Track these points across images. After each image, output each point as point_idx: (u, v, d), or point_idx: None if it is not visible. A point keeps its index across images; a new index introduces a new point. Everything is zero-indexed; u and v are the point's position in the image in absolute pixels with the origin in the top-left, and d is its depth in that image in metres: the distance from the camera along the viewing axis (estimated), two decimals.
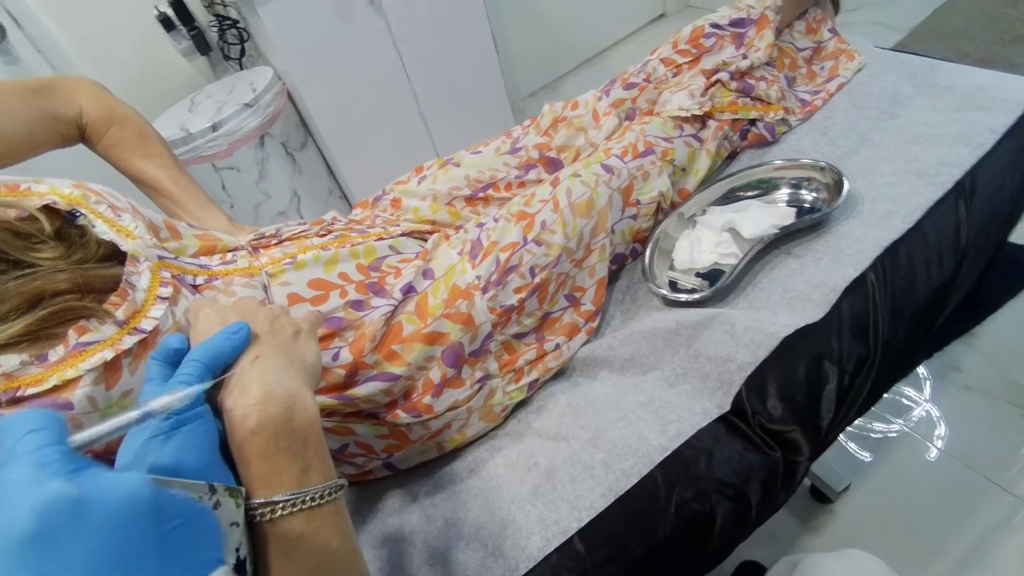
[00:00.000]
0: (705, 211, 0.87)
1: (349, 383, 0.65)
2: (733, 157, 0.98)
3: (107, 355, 0.45)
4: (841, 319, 0.67)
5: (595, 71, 2.72)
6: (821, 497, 1.13)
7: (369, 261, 0.71)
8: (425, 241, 0.81)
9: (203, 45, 1.87)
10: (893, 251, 0.71)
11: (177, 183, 0.75)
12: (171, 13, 1.79)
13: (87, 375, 0.44)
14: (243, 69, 1.95)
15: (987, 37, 2.00)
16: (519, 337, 0.76)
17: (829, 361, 0.66)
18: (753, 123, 0.95)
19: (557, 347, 0.77)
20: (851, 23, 2.28)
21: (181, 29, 1.83)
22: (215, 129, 1.64)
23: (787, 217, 0.80)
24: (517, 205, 0.79)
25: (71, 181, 0.54)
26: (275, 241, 0.69)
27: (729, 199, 0.88)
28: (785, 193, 0.86)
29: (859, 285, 0.69)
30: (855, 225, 0.77)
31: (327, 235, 0.73)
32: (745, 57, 0.94)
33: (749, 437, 0.64)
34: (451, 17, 1.88)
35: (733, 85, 0.92)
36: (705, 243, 0.82)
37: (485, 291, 0.70)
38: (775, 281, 0.76)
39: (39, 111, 0.68)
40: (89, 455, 0.39)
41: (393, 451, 0.71)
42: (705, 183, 0.91)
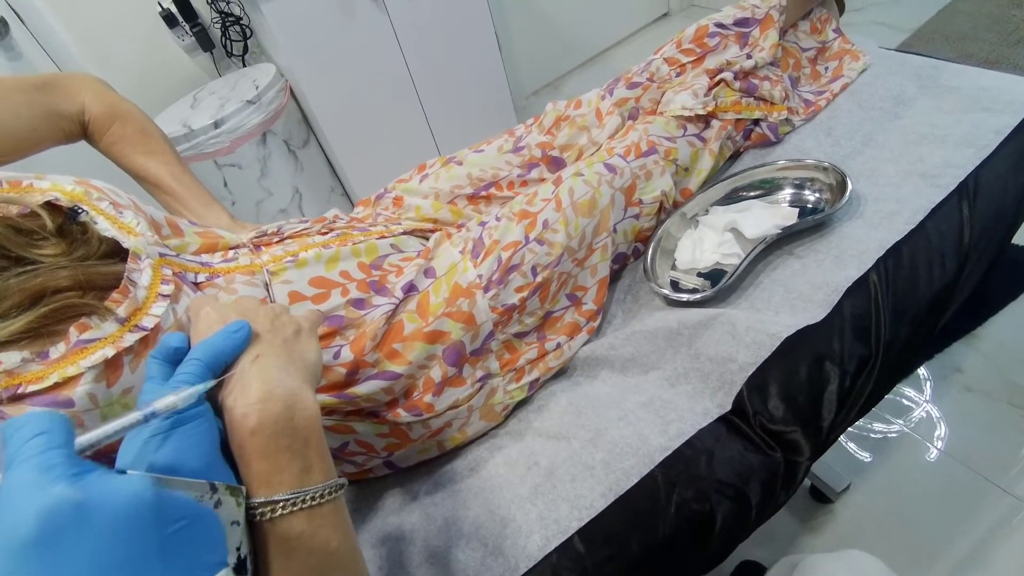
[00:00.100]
0: (708, 211, 0.87)
1: (350, 381, 0.65)
2: (736, 157, 0.98)
3: (108, 352, 0.45)
4: (843, 320, 0.67)
5: (598, 70, 2.71)
6: (821, 497, 1.13)
7: (371, 259, 0.71)
8: (427, 240, 0.81)
9: (206, 42, 1.87)
10: (896, 252, 0.71)
11: (179, 180, 0.75)
12: (174, 9, 1.79)
13: (88, 372, 0.44)
14: (246, 66, 1.95)
15: (992, 38, 2.00)
16: (520, 336, 0.76)
17: (830, 362, 0.66)
18: (757, 123, 0.95)
19: (558, 346, 0.77)
20: (856, 23, 2.27)
21: (184, 25, 1.83)
22: (217, 126, 1.64)
23: (790, 217, 0.80)
24: (519, 204, 0.79)
25: (73, 178, 0.54)
26: (277, 239, 0.69)
27: (732, 199, 0.88)
28: (788, 193, 0.86)
29: (861, 286, 0.69)
30: (858, 226, 0.77)
31: (329, 233, 0.73)
32: (749, 57, 0.94)
33: (750, 437, 0.64)
34: (454, 15, 1.87)
35: (737, 85, 0.92)
36: (707, 243, 0.82)
37: (487, 290, 0.70)
38: (777, 281, 0.75)
39: (42, 107, 0.68)
40: (90, 453, 0.39)
41: (393, 449, 0.71)
42: (708, 183, 0.91)
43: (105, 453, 0.40)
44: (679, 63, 0.96)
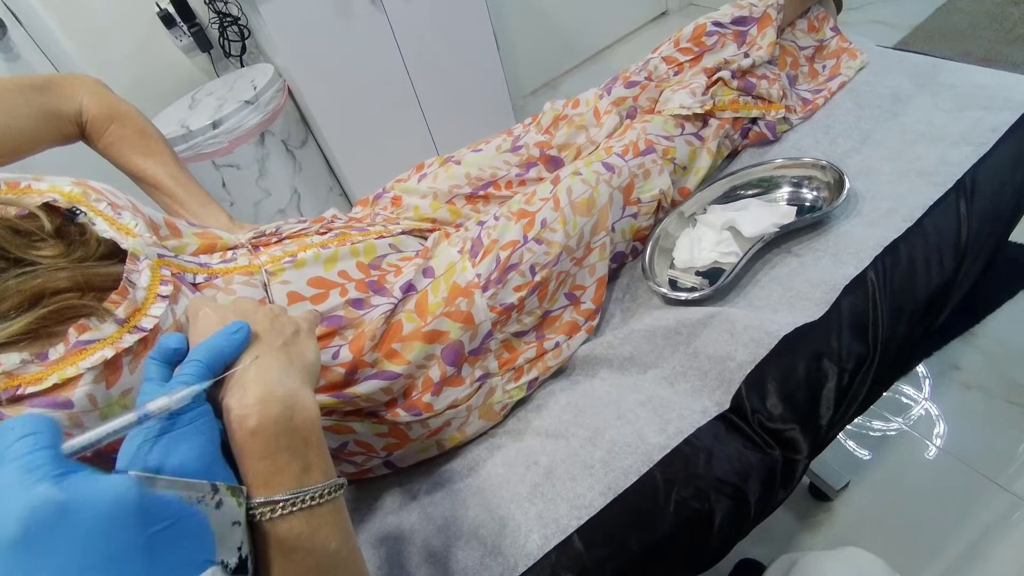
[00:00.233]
0: (706, 210, 0.87)
1: (349, 381, 0.65)
2: (734, 156, 0.98)
3: (107, 353, 0.45)
4: (841, 318, 0.67)
5: (597, 69, 2.71)
6: (820, 495, 1.13)
7: (369, 259, 0.71)
8: (425, 239, 0.81)
9: (204, 42, 1.87)
10: (893, 250, 0.71)
11: (177, 181, 0.75)
12: (172, 10, 1.79)
13: (87, 373, 0.44)
14: (244, 66, 1.95)
15: (990, 36, 2.00)
16: (519, 335, 0.76)
17: (828, 360, 0.66)
18: (754, 122, 0.95)
19: (557, 345, 0.77)
20: (853, 22, 2.27)
21: (182, 26, 1.83)
22: (215, 126, 1.64)
23: (788, 216, 0.80)
24: (518, 203, 0.79)
25: (71, 179, 0.54)
26: (275, 239, 0.69)
27: (730, 197, 0.88)
28: (786, 192, 0.86)
29: (859, 284, 0.69)
30: (856, 224, 0.77)
31: (327, 233, 0.73)
32: (747, 55, 0.94)
33: (748, 435, 0.64)
34: (452, 15, 1.87)
35: (735, 83, 0.92)
36: (705, 241, 0.82)
37: (485, 289, 0.70)
38: (775, 280, 0.76)
39: (40, 108, 0.68)
40: (89, 454, 0.39)
41: (393, 449, 0.71)
42: (706, 181, 0.91)
43: (106, 453, 0.40)
44: (677, 62, 0.96)
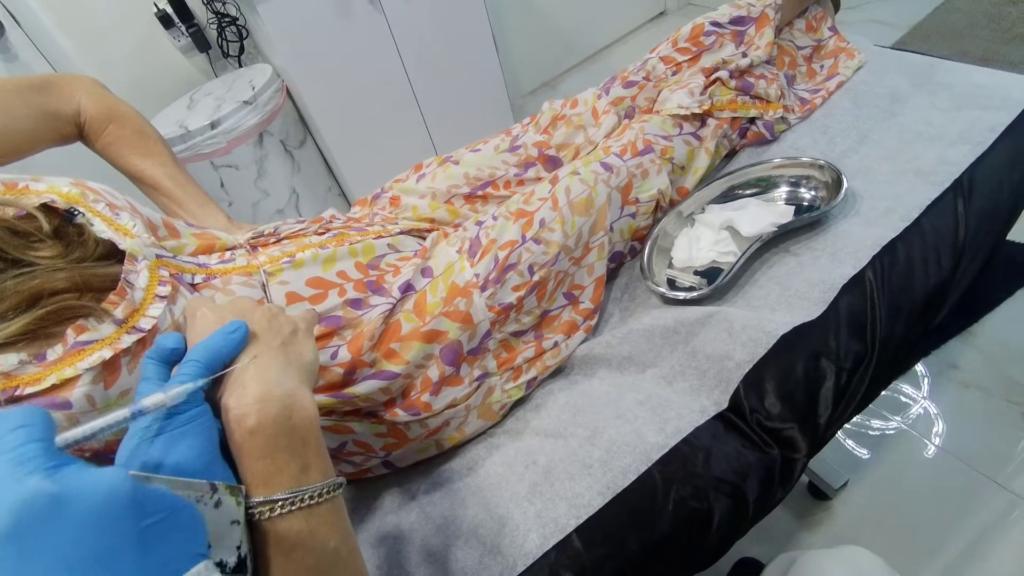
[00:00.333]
0: (704, 209, 0.87)
1: (347, 381, 0.65)
2: (732, 155, 0.98)
3: (105, 354, 0.45)
4: (839, 317, 0.68)
5: (595, 69, 2.72)
6: (819, 494, 1.13)
7: (368, 259, 0.71)
8: (424, 239, 0.81)
9: (202, 42, 1.87)
10: (891, 249, 0.72)
11: (175, 181, 0.75)
12: (170, 10, 1.79)
13: (85, 374, 0.44)
14: (242, 67, 1.95)
15: (987, 35, 2.00)
16: (518, 335, 0.76)
17: (827, 359, 0.66)
18: (752, 121, 0.95)
19: (556, 345, 0.77)
20: (851, 21, 2.27)
21: (180, 26, 1.83)
22: (214, 127, 1.64)
23: (786, 215, 0.80)
24: (516, 203, 0.79)
25: (69, 179, 0.54)
26: (273, 240, 0.69)
27: (728, 197, 0.88)
28: (784, 191, 0.86)
29: (857, 283, 0.69)
30: (854, 223, 0.77)
31: (325, 233, 0.73)
32: (745, 55, 0.94)
33: (747, 435, 0.64)
34: (451, 15, 1.87)
35: (733, 83, 0.92)
36: (704, 241, 0.82)
37: (484, 289, 0.70)
38: (773, 279, 0.76)
39: (38, 109, 0.68)
40: (88, 454, 0.39)
41: (391, 449, 0.71)
42: (704, 181, 0.91)
43: (105, 453, 0.40)
44: (675, 62, 0.96)
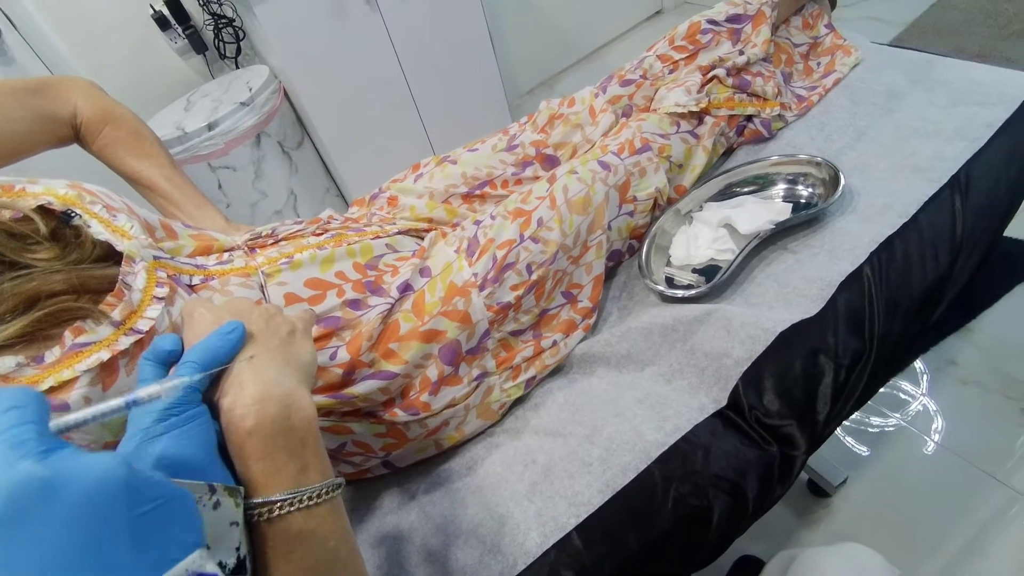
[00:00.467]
0: (702, 207, 0.88)
1: (346, 382, 0.65)
2: (729, 153, 0.98)
3: (103, 356, 0.45)
4: (837, 314, 0.68)
5: (592, 68, 2.72)
6: (818, 491, 1.13)
7: (366, 260, 0.71)
8: (422, 239, 0.81)
9: (199, 44, 1.87)
10: (889, 246, 0.72)
11: (172, 183, 0.75)
12: (166, 12, 1.79)
13: (83, 376, 0.44)
14: (239, 68, 1.94)
15: (984, 32, 2.00)
16: (516, 334, 0.76)
17: (825, 356, 0.66)
18: (750, 119, 0.95)
19: (554, 344, 0.77)
20: (848, 18, 2.28)
21: (176, 28, 1.83)
22: (211, 128, 1.64)
23: (783, 213, 0.80)
24: (514, 202, 0.79)
25: (66, 181, 0.54)
26: (271, 241, 0.69)
27: (726, 195, 0.88)
28: (781, 189, 0.86)
29: (855, 280, 0.69)
30: (851, 220, 0.77)
31: (323, 234, 0.73)
32: (742, 53, 0.94)
33: (746, 432, 0.64)
34: (448, 15, 1.87)
35: (730, 81, 0.92)
36: (702, 239, 0.82)
37: (482, 288, 0.70)
38: (771, 276, 0.76)
39: (34, 111, 0.68)
40: (89, 449, 0.39)
41: (391, 449, 0.71)
42: (702, 179, 0.91)
43: None
44: (672, 60, 0.96)
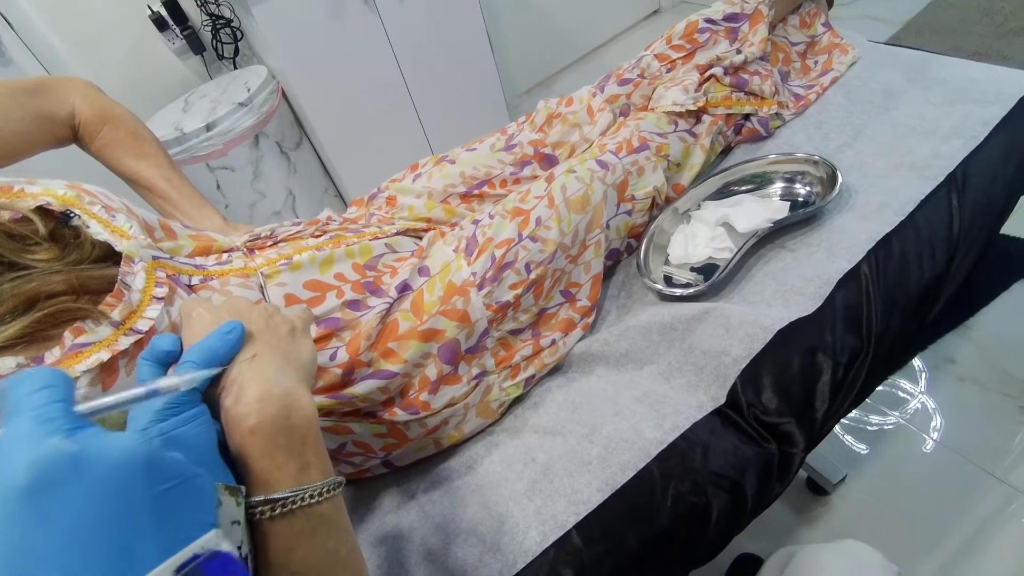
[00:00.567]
0: (700, 206, 0.88)
1: (346, 382, 0.65)
2: (727, 152, 0.98)
3: (103, 356, 0.45)
4: (835, 312, 0.68)
5: (590, 67, 2.72)
6: (817, 489, 1.14)
7: (365, 260, 0.71)
8: (421, 239, 0.81)
9: (197, 45, 1.87)
10: (886, 243, 0.72)
11: (171, 183, 0.75)
12: (164, 13, 1.79)
13: (83, 376, 0.44)
14: (237, 68, 1.94)
15: (981, 30, 2.01)
16: (515, 333, 0.76)
17: (823, 353, 0.66)
18: (747, 118, 0.95)
19: (553, 343, 0.77)
20: (845, 17, 2.28)
21: (174, 29, 1.82)
22: (209, 129, 1.64)
23: (781, 211, 0.80)
24: (512, 202, 0.79)
25: (65, 182, 0.54)
26: (270, 242, 0.69)
27: (723, 194, 0.88)
28: (779, 187, 0.86)
29: (852, 278, 0.70)
30: (848, 218, 0.77)
31: (322, 236, 0.73)
32: (739, 52, 0.94)
33: (744, 430, 0.64)
34: (446, 15, 1.87)
35: (727, 80, 0.92)
36: (700, 238, 0.83)
37: (481, 288, 0.71)
38: (769, 275, 0.76)
39: (32, 111, 0.68)
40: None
41: (391, 449, 0.71)
42: (699, 178, 0.92)
43: None
44: (669, 59, 0.96)
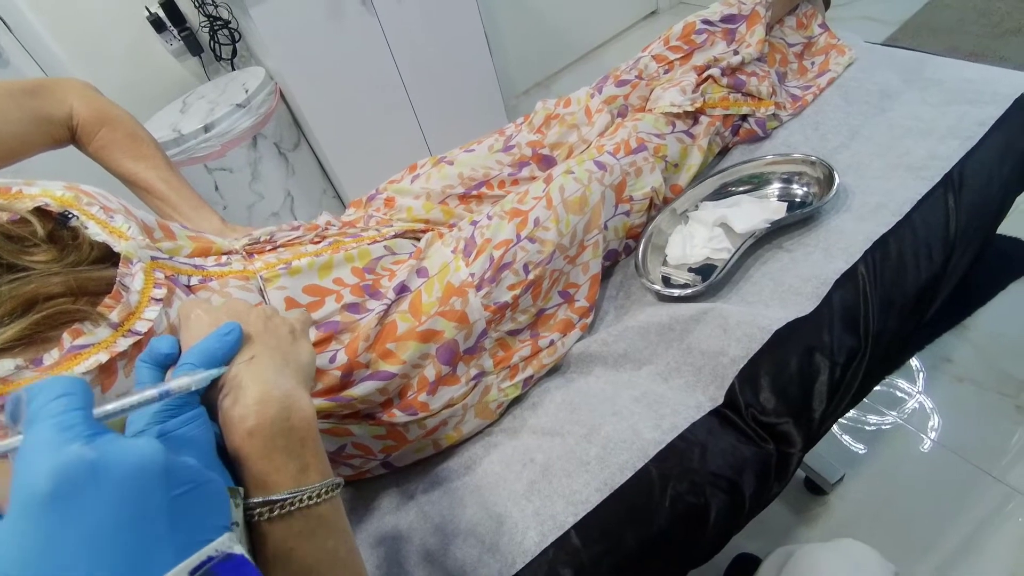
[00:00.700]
0: (697, 206, 0.88)
1: (345, 384, 0.65)
2: (725, 152, 0.99)
3: (102, 358, 0.45)
4: (832, 312, 0.68)
5: (588, 68, 2.72)
6: (815, 489, 1.14)
7: (364, 263, 0.72)
8: (419, 241, 0.81)
9: (194, 46, 1.86)
10: (883, 244, 0.72)
11: (169, 184, 0.75)
12: (162, 14, 1.79)
13: (82, 378, 0.44)
14: (235, 69, 1.94)
15: (977, 31, 2.01)
16: (514, 334, 0.76)
17: (820, 353, 0.66)
18: (744, 118, 0.95)
19: (551, 343, 0.78)
20: (842, 18, 2.28)
21: (172, 30, 1.82)
22: (207, 130, 1.64)
23: (778, 212, 0.81)
24: (510, 202, 0.79)
25: (63, 183, 0.54)
26: (269, 247, 0.70)
27: (721, 194, 0.89)
28: (776, 188, 0.86)
29: (850, 278, 0.70)
30: (846, 219, 0.78)
31: (321, 242, 0.73)
32: (736, 53, 0.94)
33: (742, 430, 0.65)
34: (444, 15, 1.88)
35: (724, 81, 0.92)
36: (697, 238, 0.83)
37: (479, 288, 0.71)
38: (767, 275, 0.76)
39: (30, 112, 0.68)
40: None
41: (390, 451, 0.71)
42: (697, 179, 0.92)
43: None
44: (667, 60, 0.96)
